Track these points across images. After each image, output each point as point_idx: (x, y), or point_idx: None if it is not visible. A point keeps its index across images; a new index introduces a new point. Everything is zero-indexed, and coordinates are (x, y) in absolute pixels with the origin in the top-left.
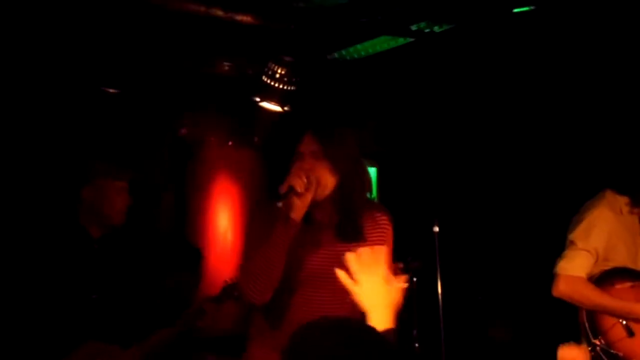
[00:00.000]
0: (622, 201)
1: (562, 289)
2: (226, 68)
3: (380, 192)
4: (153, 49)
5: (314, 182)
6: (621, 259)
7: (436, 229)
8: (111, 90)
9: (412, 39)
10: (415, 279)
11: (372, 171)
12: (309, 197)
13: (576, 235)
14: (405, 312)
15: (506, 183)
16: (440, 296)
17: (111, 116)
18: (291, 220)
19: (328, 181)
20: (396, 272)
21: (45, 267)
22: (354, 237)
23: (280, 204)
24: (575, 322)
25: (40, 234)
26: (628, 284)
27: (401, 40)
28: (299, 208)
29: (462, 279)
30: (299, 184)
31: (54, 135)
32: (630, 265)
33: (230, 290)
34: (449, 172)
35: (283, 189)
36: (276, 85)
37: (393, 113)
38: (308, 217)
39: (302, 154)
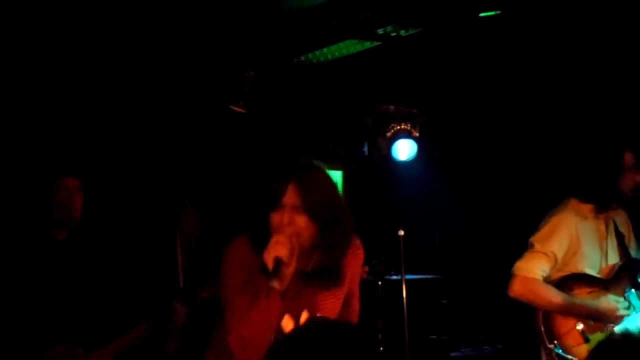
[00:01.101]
0: (586, 208)
1: (517, 289)
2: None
3: (346, 195)
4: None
5: (296, 244)
6: (581, 265)
7: (401, 232)
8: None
9: (378, 43)
10: (380, 283)
11: (338, 174)
12: (294, 262)
13: (536, 238)
14: (370, 315)
15: (473, 187)
16: (405, 300)
17: (80, 119)
18: (280, 291)
19: (307, 234)
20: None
21: (8, 270)
22: (335, 283)
23: (273, 282)
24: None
25: (4, 238)
26: (586, 290)
27: (368, 44)
28: (288, 276)
29: (427, 282)
30: (285, 254)
31: (18, 137)
32: (590, 271)
33: (203, 304)
34: (415, 176)
35: (270, 262)
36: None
37: (359, 116)
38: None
39: (285, 207)
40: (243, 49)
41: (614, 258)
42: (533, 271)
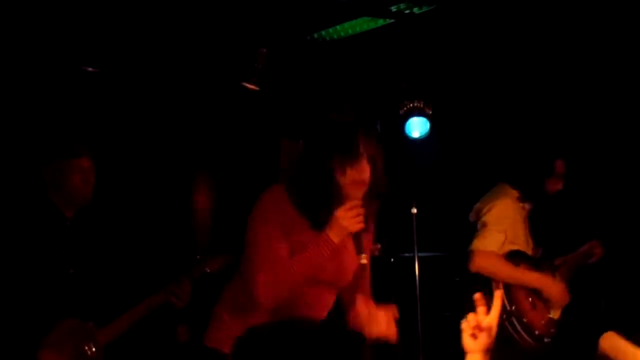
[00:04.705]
0: (513, 193)
1: (478, 263)
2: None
3: None
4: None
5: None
6: (520, 243)
7: (414, 210)
8: (90, 69)
9: (392, 20)
10: (392, 260)
11: None
12: None
13: (488, 218)
14: (382, 293)
15: (481, 164)
16: (417, 277)
17: (87, 96)
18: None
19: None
20: (374, 252)
21: (18, 247)
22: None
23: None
24: None
25: (12, 215)
26: (526, 266)
27: (381, 22)
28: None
29: (440, 260)
30: (362, 227)
31: (25, 115)
32: (526, 249)
33: (205, 279)
34: (427, 154)
35: (355, 228)
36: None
37: (371, 94)
38: (322, 223)
39: (362, 155)
40: (255, 26)
41: (531, 242)
42: (491, 246)
